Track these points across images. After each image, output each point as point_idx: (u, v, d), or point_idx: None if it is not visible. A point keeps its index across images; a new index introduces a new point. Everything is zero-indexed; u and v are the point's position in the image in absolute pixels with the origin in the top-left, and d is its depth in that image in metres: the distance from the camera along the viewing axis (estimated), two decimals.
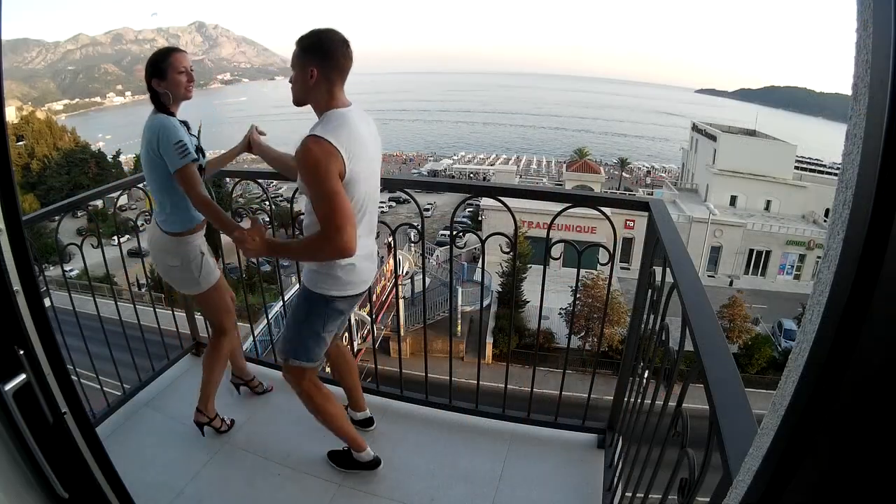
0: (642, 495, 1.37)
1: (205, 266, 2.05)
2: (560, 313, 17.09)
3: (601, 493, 1.91)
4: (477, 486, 1.99)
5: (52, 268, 14.74)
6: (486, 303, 18.17)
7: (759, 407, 0.62)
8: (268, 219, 2.94)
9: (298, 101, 1.59)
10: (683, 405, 1.09)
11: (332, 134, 1.47)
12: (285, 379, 1.87)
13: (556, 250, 1.98)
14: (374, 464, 2.03)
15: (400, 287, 15.42)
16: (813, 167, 34.45)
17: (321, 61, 1.52)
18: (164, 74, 1.85)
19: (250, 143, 2.10)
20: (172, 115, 1.88)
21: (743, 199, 28.13)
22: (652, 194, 28.03)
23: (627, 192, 33.35)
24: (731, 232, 24.47)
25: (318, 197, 1.48)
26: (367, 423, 2.25)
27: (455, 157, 58.12)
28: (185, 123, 1.92)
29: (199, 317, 2.95)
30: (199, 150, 1.95)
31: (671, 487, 1.02)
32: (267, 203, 2.77)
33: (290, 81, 1.60)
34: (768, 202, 28.17)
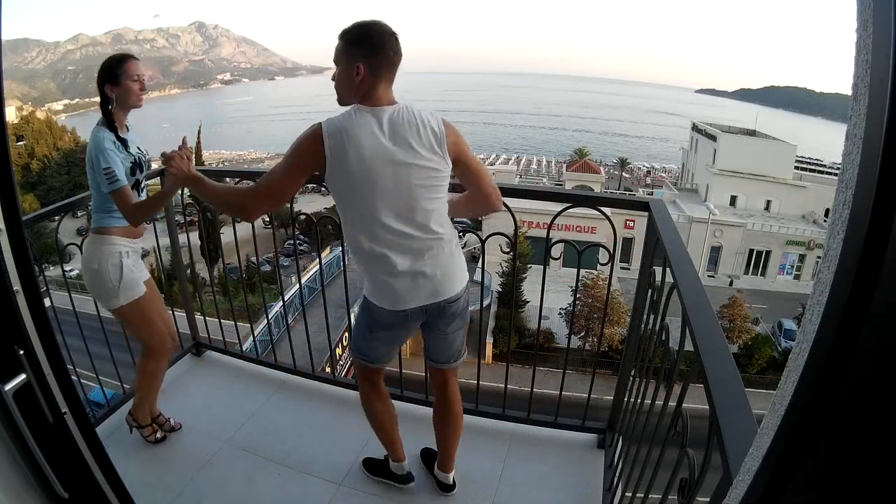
0: (642, 495, 1.37)
1: (126, 274, 1.91)
2: (560, 313, 17.09)
3: (601, 493, 1.91)
4: (477, 486, 1.99)
5: (52, 268, 14.74)
6: (486, 303, 18.16)
7: (759, 407, 0.62)
8: (268, 218, 2.94)
9: (343, 100, 1.48)
10: (683, 405, 1.09)
11: (332, 129, 1.39)
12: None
13: (556, 250, 1.98)
14: (406, 479, 1.94)
15: None
16: (813, 167, 34.45)
17: (369, 56, 1.41)
18: (118, 80, 1.84)
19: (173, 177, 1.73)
20: (113, 127, 1.86)
21: (743, 199, 28.13)
22: (652, 194, 28.02)
23: (627, 192, 33.34)
24: (731, 232, 24.47)
25: (277, 164, 1.46)
26: (446, 488, 1.95)
27: None
28: (122, 141, 1.88)
29: (199, 317, 2.96)
30: (138, 165, 1.92)
31: (671, 487, 1.02)
32: None
33: (333, 79, 1.48)
34: (768, 202, 28.17)
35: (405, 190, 1.45)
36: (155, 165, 2.23)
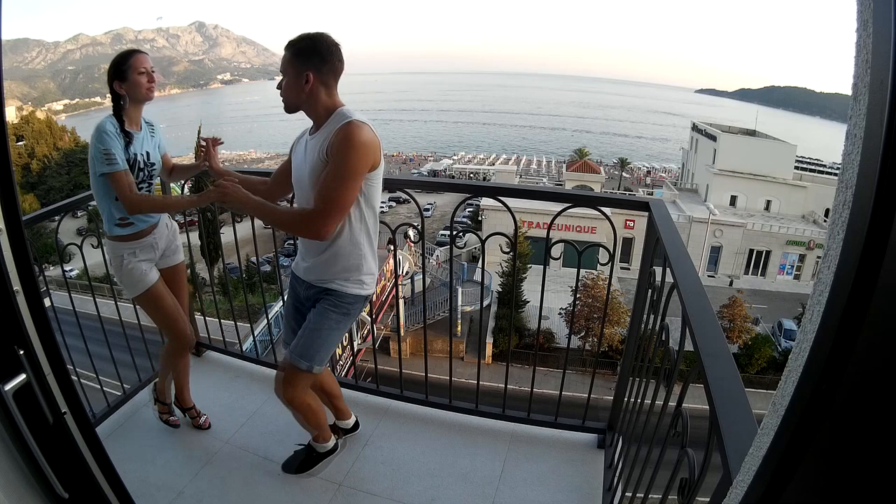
0: (642, 495, 1.37)
1: (128, 275, 1.98)
2: (560, 313, 17.09)
3: (601, 493, 1.91)
4: (477, 486, 1.99)
5: (52, 268, 14.75)
6: (486, 303, 18.17)
7: (759, 407, 0.62)
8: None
9: (291, 107, 1.56)
10: (683, 405, 1.09)
11: (369, 125, 1.50)
12: (284, 381, 1.77)
13: (556, 250, 1.98)
14: (335, 448, 2.05)
15: (400, 287, 15.41)
16: (813, 167, 34.49)
17: (318, 65, 1.50)
18: (126, 76, 1.83)
19: (208, 160, 1.98)
20: (121, 119, 1.86)
21: (743, 199, 28.13)
22: (652, 194, 28.06)
23: (627, 192, 33.34)
24: (731, 232, 24.47)
25: (337, 175, 1.46)
26: (355, 427, 2.20)
27: (455, 157, 58.10)
28: (127, 135, 1.87)
29: (198, 317, 2.96)
30: (133, 163, 1.88)
31: (671, 487, 1.02)
32: None
33: (279, 87, 1.55)
34: (768, 202, 28.17)
35: None
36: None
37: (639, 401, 1.60)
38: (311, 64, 1.50)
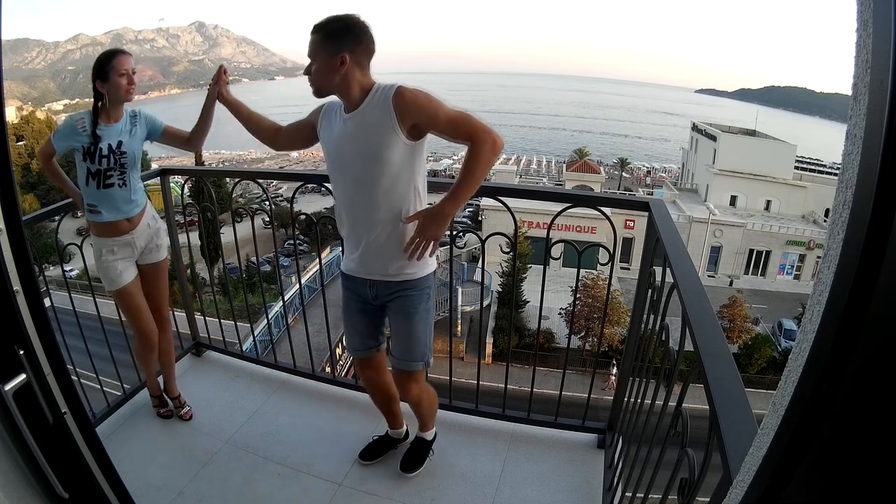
0: (642, 495, 1.37)
1: (104, 271, 2.09)
2: (560, 313, 17.09)
3: (601, 493, 1.91)
4: (477, 486, 1.99)
5: (52, 268, 14.74)
6: (486, 303, 18.17)
7: (759, 407, 0.62)
8: (267, 218, 2.94)
9: (323, 92, 1.51)
10: (683, 405, 1.09)
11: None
12: (405, 387, 1.79)
13: (556, 250, 1.98)
14: (435, 435, 2.09)
15: None
16: (813, 167, 34.46)
17: (352, 46, 1.45)
18: (107, 77, 1.89)
19: (219, 94, 1.92)
20: (96, 120, 1.93)
21: (743, 199, 28.13)
22: (652, 194, 28.03)
23: (627, 192, 33.33)
24: (731, 232, 24.47)
25: (449, 117, 1.46)
26: (405, 437, 2.16)
27: (455, 158, 58.07)
28: (95, 130, 1.95)
29: (198, 317, 2.96)
30: (90, 154, 1.94)
31: (671, 487, 1.02)
32: (267, 203, 2.77)
33: (308, 73, 1.50)
34: (768, 202, 28.17)
35: None
36: (155, 165, 2.27)
37: (639, 401, 1.60)
38: (346, 45, 1.45)
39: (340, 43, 1.45)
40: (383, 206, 1.54)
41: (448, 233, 2.09)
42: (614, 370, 15.82)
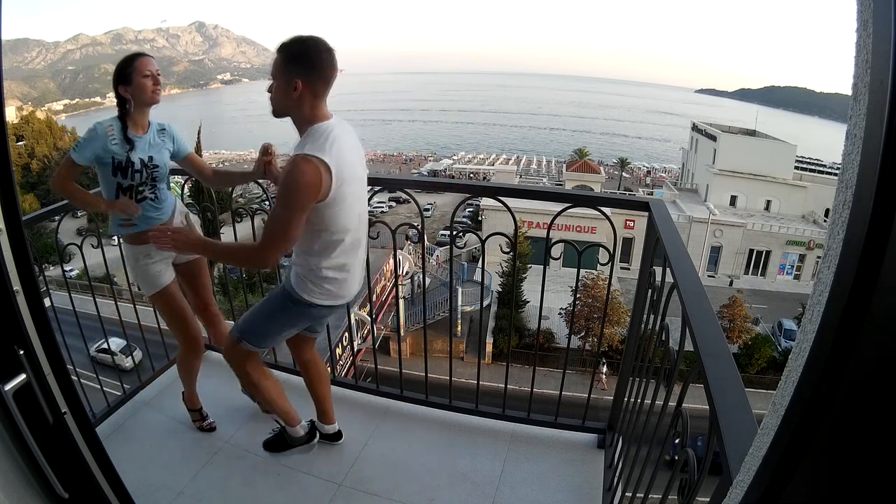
0: (642, 495, 1.37)
1: (143, 274, 2.02)
2: (560, 313, 17.09)
3: (601, 493, 1.91)
4: (477, 486, 1.99)
5: (52, 268, 14.75)
6: (486, 303, 18.17)
7: (759, 407, 0.62)
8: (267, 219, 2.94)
9: (279, 113, 1.52)
10: (683, 405, 1.09)
11: (326, 154, 1.43)
12: (225, 355, 1.86)
13: (556, 250, 1.98)
14: (311, 435, 2.10)
15: (400, 287, 15.40)
16: (813, 167, 34.46)
17: (306, 73, 1.45)
18: (130, 79, 1.84)
19: (265, 170, 1.93)
20: (125, 125, 1.87)
21: (743, 199, 28.13)
22: (652, 194, 28.04)
23: (627, 192, 33.33)
24: (731, 232, 24.47)
25: (277, 215, 1.46)
26: (335, 437, 2.17)
27: (455, 157, 58.06)
28: (129, 140, 1.87)
29: None
30: (122, 168, 1.87)
31: (671, 487, 1.02)
32: (267, 203, 2.77)
33: (269, 91, 1.51)
34: (768, 202, 28.16)
35: (364, 195, 1.70)
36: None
37: (639, 401, 1.60)
38: (300, 71, 1.44)
39: (295, 67, 1.45)
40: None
41: (448, 233, 2.09)
42: (604, 368, 15.90)
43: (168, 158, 2.01)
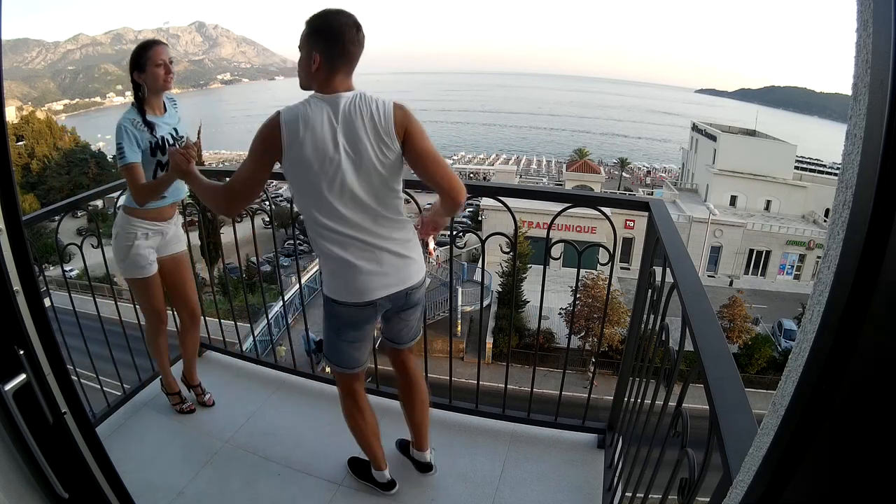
0: (642, 495, 1.37)
1: (134, 257, 2.05)
2: (560, 313, 17.09)
3: (601, 493, 1.91)
4: (477, 486, 1.99)
5: (52, 268, 14.74)
6: (486, 303, 18.17)
7: (759, 407, 0.62)
8: (268, 219, 2.94)
9: (304, 85, 1.51)
10: (683, 405, 1.09)
11: (289, 117, 1.42)
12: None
13: (556, 250, 1.98)
14: (388, 486, 1.93)
15: None
16: (813, 167, 34.48)
17: (326, 47, 1.42)
18: (144, 67, 1.93)
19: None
20: (142, 109, 1.97)
21: (743, 199, 28.13)
22: (652, 194, 28.06)
23: (627, 192, 33.33)
24: (731, 232, 24.47)
25: (241, 164, 1.51)
26: (424, 468, 2.00)
27: (455, 157, 58.07)
28: (149, 124, 1.97)
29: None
30: (160, 147, 1.99)
31: (671, 487, 1.02)
32: (267, 203, 2.77)
33: (298, 63, 1.51)
34: (768, 202, 28.17)
35: (358, 179, 1.47)
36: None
37: (639, 401, 1.60)
38: (321, 44, 1.43)
39: (316, 41, 1.44)
40: None
41: (448, 233, 2.09)
42: (593, 367, 15.92)
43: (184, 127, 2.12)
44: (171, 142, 2.02)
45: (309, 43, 1.45)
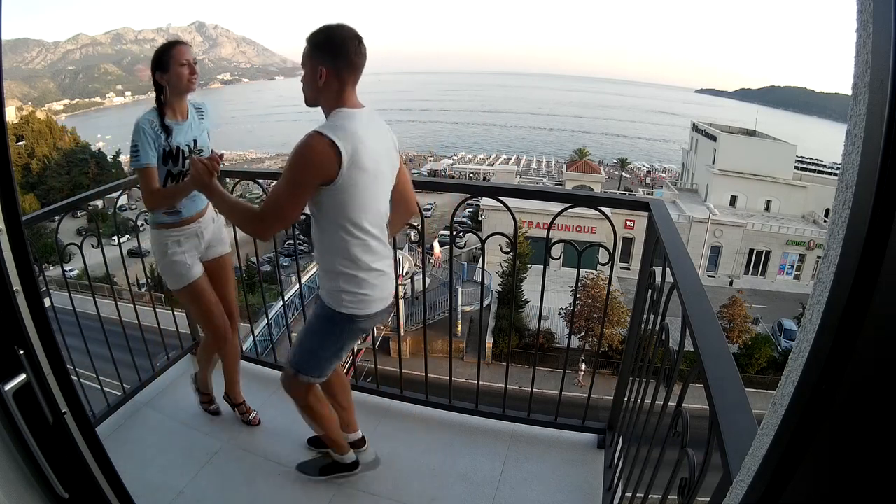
0: (642, 495, 1.37)
1: (170, 266, 1.98)
2: (560, 313, 17.09)
3: (601, 493, 1.91)
4: (477, 486, 1.99)
5: (52, 268, 14.75)
6: (486, 303, 18.17)
7: (759, 407, 0.62)
8: None
9: (310, 102, 1.51)
10: (683, 405, 1.09)
11: (339, 133, 1.39)
12: (283, 386, 1.76)
13: (556, 250, 1.98)
14: (354, 465, 1.98)
15: (400, 287, 15.36)
16: (813, 167, 34.48)
17: (332, 60, 1.44)
18: (167, 67, 1.86)
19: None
20: (162, 111, 1.88)
21: (743, 199, 28.14)
22: (652, 194, 28.05)
23: (627, 192, 33.33)
24: (731, 232, 24.48)
25: (278, 189, 1.43)
26: (359, 443, 2.05)
27: (455, 157, 58.05)
28: (166, 128, 1.88)
29: None
30: (172, 156, 1.89)
31: (671, 487, 1.02)
32: None
33: (301, 81, 1.51)
34: (768, 202, 28.18)
35: (384, 193, 1.58)
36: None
37: (639, 401, 1.60)
38: (325, 58, 1.44)
39: (320, 56, 1.45)
40: (316, 246, 1.59)
41: (448, 233, 2.09)
42: (583, 366, 15.97)
43: (208, 139, 2.01)
44: (187, 153, 1.91)
45: (313, 58, 1.45)
